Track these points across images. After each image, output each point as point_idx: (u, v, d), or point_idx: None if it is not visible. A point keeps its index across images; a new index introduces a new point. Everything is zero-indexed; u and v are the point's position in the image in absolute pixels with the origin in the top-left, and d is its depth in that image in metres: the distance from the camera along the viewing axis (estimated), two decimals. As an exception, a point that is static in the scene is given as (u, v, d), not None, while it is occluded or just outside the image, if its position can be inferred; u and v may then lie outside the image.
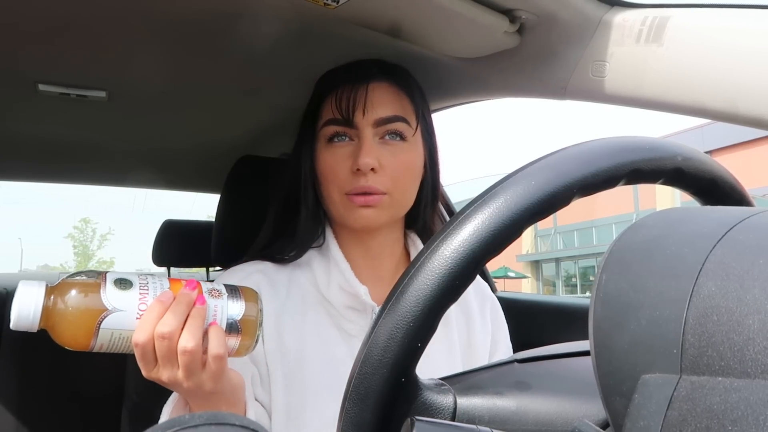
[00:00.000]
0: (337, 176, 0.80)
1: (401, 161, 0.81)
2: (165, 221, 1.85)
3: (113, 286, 0.58)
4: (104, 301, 0.57)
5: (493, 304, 0.95)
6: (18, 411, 1.48)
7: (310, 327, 0.79)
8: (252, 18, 0.84)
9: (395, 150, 0.81)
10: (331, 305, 0.81)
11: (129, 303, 0.58)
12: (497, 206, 0.34)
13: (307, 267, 0.84)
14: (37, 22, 0.84)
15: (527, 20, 0.81)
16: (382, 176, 0.79)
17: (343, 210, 0.81)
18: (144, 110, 1.26)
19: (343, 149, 0.81)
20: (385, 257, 0.87)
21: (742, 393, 0.21)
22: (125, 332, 0.58)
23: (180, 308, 0.58)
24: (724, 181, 0.40)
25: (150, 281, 0.60)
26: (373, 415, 0.34)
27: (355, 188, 0.78)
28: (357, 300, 0.80)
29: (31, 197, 54.68)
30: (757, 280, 0.23)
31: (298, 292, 0.82)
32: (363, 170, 0.77)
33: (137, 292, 0.59)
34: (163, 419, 0.69)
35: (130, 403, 1.23)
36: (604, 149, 0.36)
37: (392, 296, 0.34)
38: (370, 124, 0.80)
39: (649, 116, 65.95)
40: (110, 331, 0.57)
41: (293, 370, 0.77)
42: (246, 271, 0.83)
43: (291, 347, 0.78)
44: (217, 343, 0.58)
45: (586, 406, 0.36)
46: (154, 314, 0.57)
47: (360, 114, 0.80)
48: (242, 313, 0.61)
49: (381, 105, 0.81)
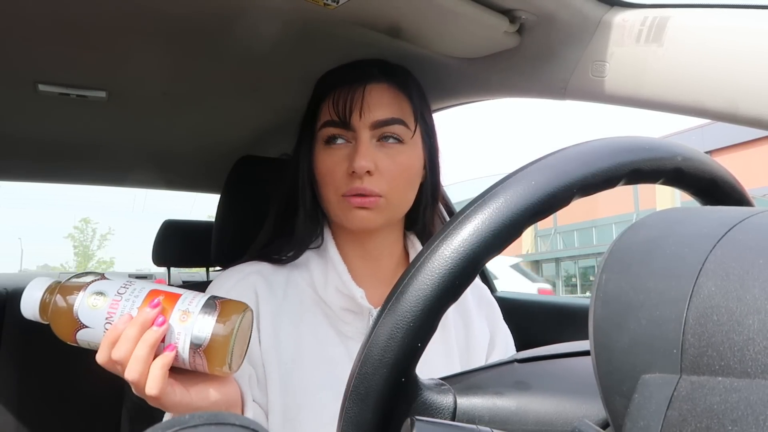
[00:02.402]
0: (334, 178, 0.79)
1: (398, 164, 0.80)
2: (165, 221, 1.85)
3: (90, 297, 0.59)
4: (75, 316, 0.59)
5: (491, 306, 0.95)
6: (18, 411, 1.48)
7: (306, 328, 0.79)
8: (252, 18, 0.84)
9: (392, 152, 0.80)
10: (328, 307, 0.81)
11: (96, 319, 0.59)
12: (497, 206, 0.34)
13: (305, 268, 0.84)
14: (37, 22, 0.84)
15: (527, 20, 0.81)
16: (378, 179, 0.78)
17: (339, 211, 0.80)
18: (144, 110, 1.26)
19: (340, 151, 0.80)
20: (384, 258, 0.87)
21: (742, 393, 0.21)
22: (98, 345, 0.59)
23: (132, 332, 0.57)
24: (724, 181, 0.40)
25: (126, 294, 0.60)
26: (373, 414, 0.34)
27: (350, 190, 0.78)
28: (353, 302, 0.80)
29: (31, 197, 54.67)
30: (757, 280, 0.23)
31: (295, 293, 0.82)
32: (358, 173, 0.77)
33: (107, 306, 0.59)
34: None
35: (130, 403, 1.23)
36: (604, 149, 0.36)
37: (392, 296, 0.34)
38: (366, 127, 0.79)
39: (649, 116, 65.96)
40: (86, 341, 0.60)
41: (290, 371, 0.76)
42: (243, 272, 0.83)
43: (288, 348, 0.77)
44: (150, 381, 0.57)
45: (586, 406, 0.36)
46: (109, 340, 0.58)
47: (357, 116, 0.79)
48: (209, 335, 0.57)
49: (378, 107, 0.80)
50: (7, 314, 1.47)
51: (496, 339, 0.91)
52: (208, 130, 1.42)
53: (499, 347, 0.91)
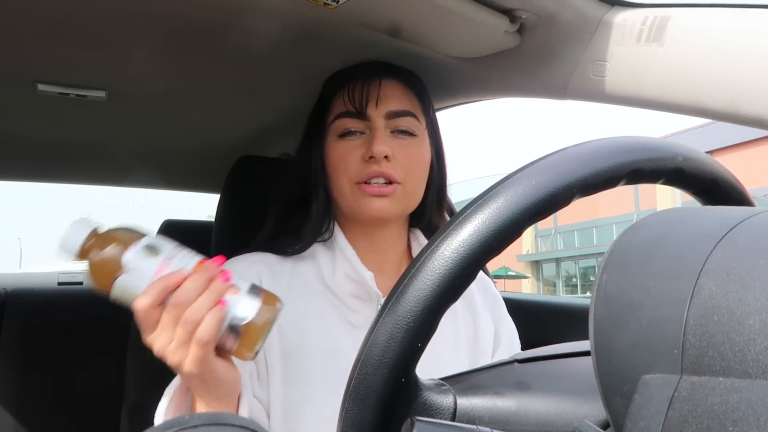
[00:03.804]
0: (348, 166, 0.80)
1: (412, 155, 0.82)
2: (165, 221, 1.85)
3: (141, 249, 0.60)
4: (123, 261, 0.59)
5: (495, 299, 0.96)
6: (17, 411, 1.48)
7: (312, 319, 0.79)
8: (252, 18, 0.84)
9: (405, 144, 0.82)
10: (334, 296, 0.81)
11: (146, 268, 0.59)
12: (497, 206, 0.34)
13: (311, 259, 0.84)
14: (37, 22, 0.84)
15: (527, 20, 0.81)
16: (395, 166, 0.80)
17: (353, 200, 0.81)
18: (144, 110, 1.25)
19: (353, 142, 0.82)
20: (390, 251, 0.87)
21: (743, 393, 0.21)
22: (135, 294, 0.59)
23: (200, 279, 0.57)
24: (724, 181, 0.40)
25: (179, 255, 0.61)
26: (373, 415, 0.34)
27: (368, 173, 0.79)
28: (362, 288, 0.81)
29: (31, 197, 54.69)
30: (757, 280, 0.23)
31: (300, 283, 0.82)
32: (377, 157, 0.78)
33: (160, 260, 0.60)
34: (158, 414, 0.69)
35: (130, 403, 1.23)
36: (605, 149, 0.36)
37: (392, 296, 0.34)
38: (382, 116, 0.81)
39: (650, 116, 66.00)
40: (123, 288, 0.60)
41: (294, 363, 0.76)
42: (249, 260, 0.83)
43: (292, 340, 0.77)
44: (205, 327, 0.56)
45: (587, 406, 0.36)
46: (164, 284, 0.57)
47: (373, 106, 0.81)
48: (251, 315, 0.59)
49: (393, 99, 0.83)
50: (7, 314, 1.47)
51: (501, 332, 0.92)
52: (208, 130, 1.42)
53: (504, 341, 0.91)
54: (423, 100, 0.87)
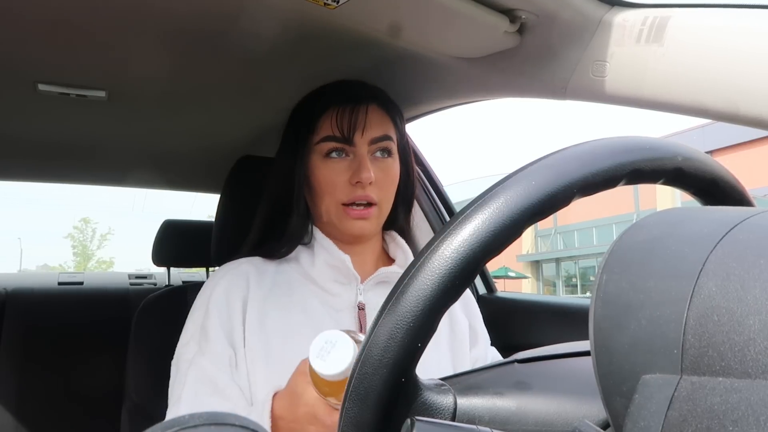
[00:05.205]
0: (335, 188, 0.87)
1: (390, 176, 0.90)
2: (165, 221, 1.85)
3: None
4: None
5: (466, 296, 1.02)
6: (17, 411, 1.48)
7: (295, 307, 0.85)
8: (252, 18, 0.84)
9: (384, 165, 0.89)
10: (316, 285, 0.87)
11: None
12: (497, 206, 0.34)
13: (295, 260, 0.91)
14: (37, 22, 0.84)
15: (527, 20, 0.81)
16: (375, 188, 0.87)
17: (336, 219, 0.88)
18: (144, 110, 1.25)
19: (339, 164, 0.87)
20: (367, 254, 0.94)
21: (742, 393, 0.21)
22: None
23: None
24: (724, 181, 0.40)
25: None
26: (373, 415, 0.34)
27: (354, 197, 0.86)
28: (341, 272, 0.87)
29: (31, 197, 54.69)
30: (757, 280, 0.23)
31: (284, 278, 0.88)
32: (364, 183, 0.85)
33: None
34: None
35: (130, 403, 1.23)
36: (605, 149, 0.36)
37: (392, 296, 0.34)
38: (366, 143, 0.88)
39: (650, 116, 65.94)
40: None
41: (278, 345, 0.81)
42: (237, 262, 0.89)
43: (275, 329, 0.82)
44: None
45: (587, 406, 0.36)
46: None
47: (359, 134, 0.87)
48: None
49: (375, 126, 0.89)
50: (7, 314, 1.47)
51: (477, 327, 0.98)
52: (208, 130, 1.42)
53: (482, 336, 0.98)
54: (397, 120, 0.93)
